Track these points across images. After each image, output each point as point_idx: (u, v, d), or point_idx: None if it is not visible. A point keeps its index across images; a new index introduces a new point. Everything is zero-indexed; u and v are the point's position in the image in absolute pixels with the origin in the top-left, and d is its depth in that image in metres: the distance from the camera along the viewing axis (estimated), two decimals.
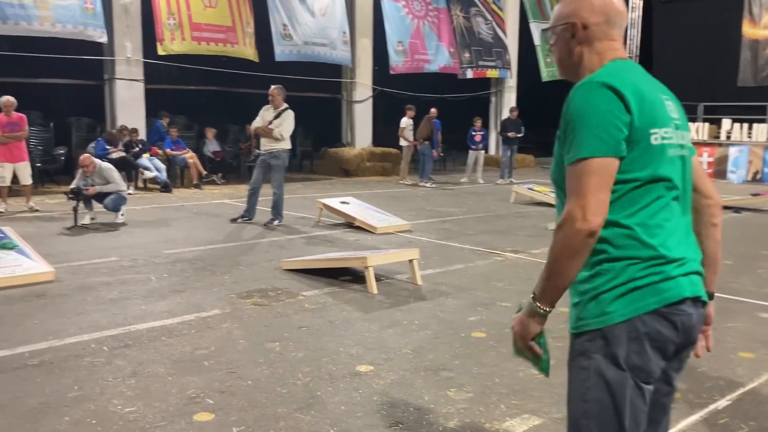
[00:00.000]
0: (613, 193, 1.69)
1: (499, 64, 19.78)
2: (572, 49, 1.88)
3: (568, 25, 1.86)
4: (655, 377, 1.75)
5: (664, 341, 1.72)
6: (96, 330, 4.56)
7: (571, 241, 1.64)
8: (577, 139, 1.67)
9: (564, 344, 4.54)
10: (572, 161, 1.67)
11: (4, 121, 9.67)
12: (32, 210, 9.82)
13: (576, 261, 1.67)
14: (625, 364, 1.69)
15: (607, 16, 1.84)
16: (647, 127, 1.71)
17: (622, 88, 1.69)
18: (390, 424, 3.23)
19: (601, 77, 1.72)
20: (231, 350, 4.21)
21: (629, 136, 1.68)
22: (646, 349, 1.70)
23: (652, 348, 1.70)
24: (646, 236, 1.71)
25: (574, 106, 1.70)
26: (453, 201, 12.30)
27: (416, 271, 5.93)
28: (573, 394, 1.79)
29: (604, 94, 1.68)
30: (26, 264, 5.94)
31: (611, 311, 1.70)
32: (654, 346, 1.71)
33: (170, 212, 10.09)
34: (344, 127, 18.04)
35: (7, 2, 11.41)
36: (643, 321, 1.69)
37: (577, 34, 1.85)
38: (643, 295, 1.70)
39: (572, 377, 1.79)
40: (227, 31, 14.28)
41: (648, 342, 1.70)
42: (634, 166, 1.70)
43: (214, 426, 3.18)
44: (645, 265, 1.70)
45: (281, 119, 8.86)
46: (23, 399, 3.45)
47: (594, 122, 1.66)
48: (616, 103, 1.67)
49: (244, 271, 6.34)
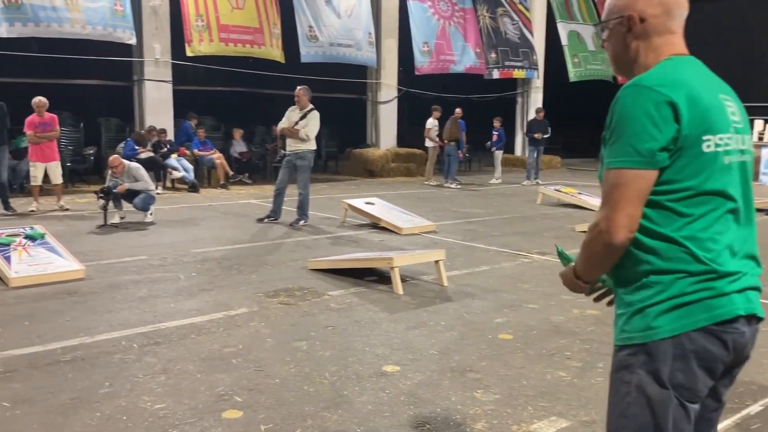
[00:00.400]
0: (661, 203, 1.63)
1: (525, 64, 19.67)
2: (628, 44, 1.76)
3: (624, 18, 1.74)
4: (701, 396, 1.67)
5: (713, 360, 1.63)
6: (126, 327, 4.62)
7: (596, 251, 1.69)
8: (615, 146, 1.62)
9: (592, 347, 4.49)
10: (608, 167, 1.64)
11: (36, 121, 9.84)
12: (63, 209, 9.99)
13: (602, 266, 1.74)
14: (669, 382, 1.62)
15: (666, 6, 1.72)
16: (700, 134, 1.61)
17: (672, 93, 1.59)
18: (417, 425, 3.22)
19: (651, 80, 1.63)
20: (258, 348, 4.24)
21: (676, 144, 1.60)
22: (693, 368, 1.62)
23: (699, 366, 1.63)
24: (697, 250, 1.62)
25: (618, 110, 1.64)
26: (479, 202, 12.25)
27: (442, 272, 5.92)
28: (613, 408, 1.73)
29: (650, 99, 1.59)
30: (57, 262, 6.05)
31: (657, 326, 1.63)
32: (701, 365, 1.63)
33: (198, 212, 10.19)
34: (369, 127, 18.07)
35: (40, 5, 11.63)
36: (691, 338, 1.62)
37: (633, 28, 1.73)
38: (691, 312, 1.62)
39: (613, 390, 1.73)
40: (254, 33, 14.39)
41: (695, 360, 1.62)
42: (683, 174, 1.62)
43: (243, 423, 3.21)
44: (695, 279, 1.62)
45: (307, 120, 8.90)
46: (55, 394, 3.51)
47: (634, 131, 1.59)
48: (663, 111, 1.58)
49: (270, 270, 6.38)
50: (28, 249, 6.15)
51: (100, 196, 8.62)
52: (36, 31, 11.77)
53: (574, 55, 20.53)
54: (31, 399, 3.44)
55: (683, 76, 1.65)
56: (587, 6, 21.35)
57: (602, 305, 1.99)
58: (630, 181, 1.60)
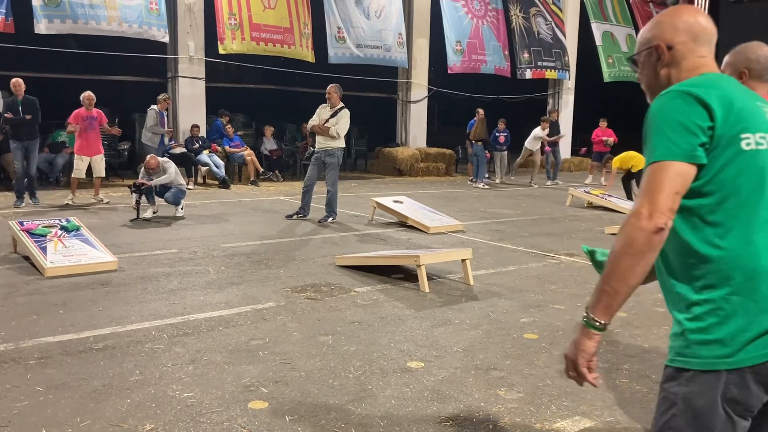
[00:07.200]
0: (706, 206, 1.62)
1: (558, 65, 19.52)
2: (659, 72, 1.80)
3: (652, 48, 1.79)
4: (755, 412, 1.61)
5: None
6: (156, 318, 4.72)
7: (634, 239, 1.57)
8: (651, 145, 1.63)
9: (618, 348, 4.46)
10: (648, 163, 1.63)
11: (83, 114, 10.10)
12: (101, 201, 10.20)
13: (639, 262, 1.58)
14: (722, 397, 1.57)
15: (692, 33, 1.76)
16: (737, 132, 1.61)
17: (704, 95, 1.60)
18: (440, 420, 3.25)
19: (683, 86, 1.65)
20: (285, 342, 4.30)
21: (711, 142, 1.60)
22: (748, 383, 1.57)
23: (755, 382, 1.57)
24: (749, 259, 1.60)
25: (652, 112, 1.65)
26: (507, 203, 12.21)
27: (469, 271, 5.92)
28: (657, 419, 1.68)
29: (683, 99, 1.61)
30: (91, 253, 6.19)
31: None
32: (758, 381, 1.57)
33: (228, 207, 10.32)
34: (399, 126, 18.09)
35: (78, 2, 11.88)
36: None
37: (662, 57, 1.78)
38: None
39: (660, 401, 1.69)
40: (285, 33, 14.52)
41: (752, 376, 1.57)
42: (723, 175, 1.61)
43: (268, 414, 3.26)
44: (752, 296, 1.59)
45: (337, 118, 8.96)
46: (88, 381, 3.60)
47: (669, 127, 1.60)
48: (695, 108, 1.60)
49: (298, 265, 6.45)
50: (64, 240, 6.31)
51: (133, 191, 8.79)
52: (74, 28, 12.03)
53: (609, 55, 20.33)
54: (64, 384, 3.54)
55: (716, 84, 1.67)
56: (621, 7, 21.11)
57: (629, 307, 1.97)
58: (670, 172, 1.58)
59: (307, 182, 9.20)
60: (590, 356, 1.67)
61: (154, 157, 9.15)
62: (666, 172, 1.58)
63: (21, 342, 4.16)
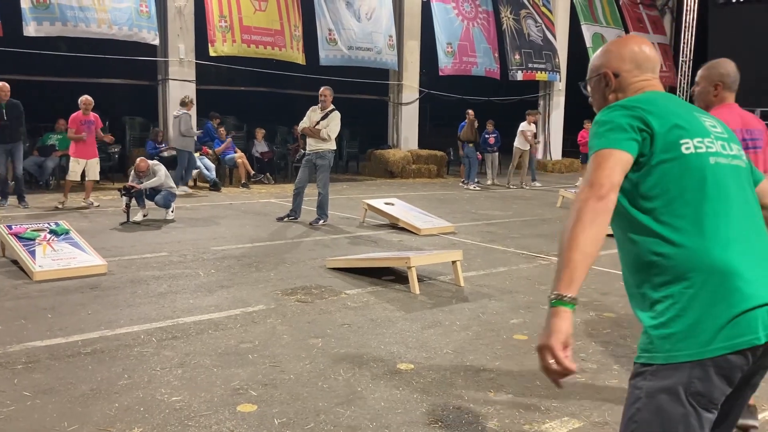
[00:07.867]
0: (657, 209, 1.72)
1: (548, 66, 19.57)
2: (607, 96, 1.97)
3: (601, 75, 1.97)
4: (718, 405, 1.67)
5: (733, 369, 1.64)
6: (146, 321, 4.70)
7: (580, 209, 1.65)
8: (591, 145, 1.77)
9: (607, 349, 4.46)
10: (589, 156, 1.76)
11: (81, 118, 10.10)
12: (92, 205, 10.15)
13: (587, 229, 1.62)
14: (685, 391, 1.63)
15: (636, 62, 1.93)
16: (676, 138, 1.74)
17: (642, 105, 1.77)
18: (429, 422, 3.25)
19: (624, 101, 1.83)
20: (275, 345, 4.29)
21: (651, 147, 1.72)
22: (711, 376, 1.63)
23: (717, 375, 1.63)
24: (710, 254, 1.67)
25: (594, 122, 1.82)
26: (498, 204, 12.23)
27: (459, 272, 5.93)
28: (625, 413, 1.75)
29: (620, 110, 1.78)
30: (81, 257, 6.15)
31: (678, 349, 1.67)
32: (720, 374, 1.63)
33: (219, 210, 10.29)
34: (390, 128, 18.09)
35: (67, 4, 11.82)
36: None
37: (610, 83, 1.96)
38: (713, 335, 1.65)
39: (628, 396, 1.76)
40: (275, 35, 14.49)
41: (714, 369, 1.63)
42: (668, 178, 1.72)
43: (257, 417, 3.25)
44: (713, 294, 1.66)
45: (328, 120, 8.96)
46: (76, 385, 3.58)
47: (606, 129, 1.75)
48: (631, 113, 1.75)
49: (289, 268, 6.44)
50: (53, 244, 6.27)
51: (123, 194, 8.76)
52: (63, 31, 11.96)
53: None
54: (52, 389, 3.52)
55: (655, 97, 1.84)
56: (611, 9, 21.20)
57: (619, 308, 2.00)
58: (607, 156, 1.70)
59: (298, 185, 9.19)
60: (565, 336, 1.64)
61: (144, 160, 9.12)
62: (603, 157, 1.71)
63: (8, 346, 4.13)
